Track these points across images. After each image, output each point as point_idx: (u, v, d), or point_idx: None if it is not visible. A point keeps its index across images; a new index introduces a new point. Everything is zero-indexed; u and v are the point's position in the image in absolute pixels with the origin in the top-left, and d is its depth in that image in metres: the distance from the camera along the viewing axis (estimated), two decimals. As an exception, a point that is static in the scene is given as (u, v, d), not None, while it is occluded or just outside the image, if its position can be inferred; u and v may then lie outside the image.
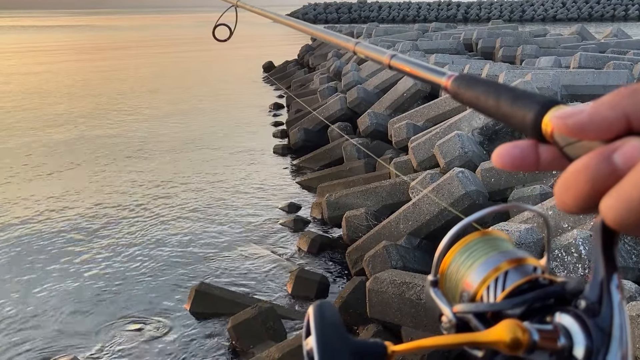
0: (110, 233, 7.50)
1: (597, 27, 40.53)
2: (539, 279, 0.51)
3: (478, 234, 0.56)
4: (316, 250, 6.69)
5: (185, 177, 9.89)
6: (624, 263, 4.08)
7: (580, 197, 0.42)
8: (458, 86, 0.59)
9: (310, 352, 0.47)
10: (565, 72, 8.98)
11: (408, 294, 4.46)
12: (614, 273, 0.45)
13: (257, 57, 27.33)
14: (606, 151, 0.41)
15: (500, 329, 0.47)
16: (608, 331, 0.44)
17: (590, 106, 0.43)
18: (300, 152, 10.86)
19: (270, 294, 5.81)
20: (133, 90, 19.99)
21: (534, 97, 0.48)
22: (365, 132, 9.69)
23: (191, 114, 15.83)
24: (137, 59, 32.00)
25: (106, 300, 5.81)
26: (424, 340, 0.48)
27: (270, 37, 45.52)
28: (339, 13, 74.14)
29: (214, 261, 6.62)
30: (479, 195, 5.48)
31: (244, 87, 20.48)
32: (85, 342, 5.12)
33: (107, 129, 13.95)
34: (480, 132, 7.00)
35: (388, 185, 6.88)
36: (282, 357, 4.20)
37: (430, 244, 5.63)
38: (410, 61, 0.78)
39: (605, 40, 16.61)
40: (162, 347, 5.00)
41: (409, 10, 70.95)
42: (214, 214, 8.09)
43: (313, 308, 0.49)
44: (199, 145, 12.19)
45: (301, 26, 1.45)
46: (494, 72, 9.39)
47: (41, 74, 25.17)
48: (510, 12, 66.73)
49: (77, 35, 64.80)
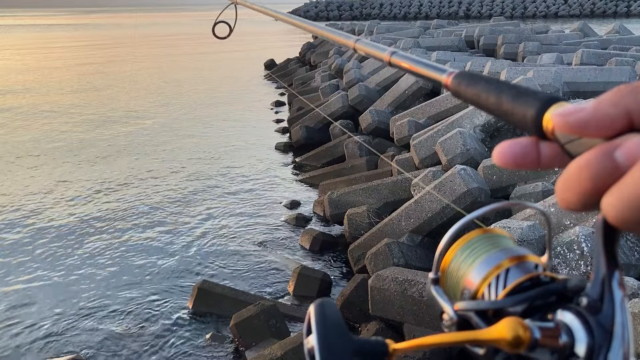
0: (111, 231, 7.50)
1: (599, 23, 40.41)
2: (540, 277, 0.51)
3: (479, 231, 0.56)
4: (318, 247, 6.69)
5: (186, 174, 9.89)
6: (627, 260, 4.08)
7: (582, 195, 0.42)
8: (459, 83, 0.59)
9: (312, 350, 0.47)
10: (568, 69, 8.96)
11: (410, 291, 4.46)
12: (615, 270, 0.45)
13: (259, 54, 27.32)
14: (608, 148, 0.41)
15: (501, 326, 0.47)
16: (610, 328, 0.44)
17: (592, 103, 0.43)
18: (302, 149, 10.85)
19: (273, 292, 5.82)
20: (134, 89, 19.99)
21: (535, 94, 0.48)
22: (367, 130, 9.69)
23: (192, 111, 15.83)
24: (139, 57, 32.00)
25: (108, 298, 5.81)
26: (425, 339, 0.48)
27: (272, 34, 45.50)
28: (340, 10, 74.08)
29: (216, 259, 6.62)
30: (480, 192, 5.47)
31: (246, 84, 20.48)
32: (87, 340, 5.12)
33: (107, 126, 13.96)
34: (482, 129, 6.99)
35: (390, 182, 6.87)
36: (285, 354, 4.21)
37: (432, 241, 5.62)
38: (410, 58, 0.77)
39: (607, 36, 16.57)
40: (164, 345, 5.01)
41: (411, 7, 70.86)
42: (216, 212, 8.09)
43: (314, 306, 0.49)
44: (200, 142, 12.19)
45: (301, 23, 1.45)
46: (496, 69, 9.38)
47: (41, 69, 25.20)
48: (512, 9, 66.59)
49: (83, 32, 64.83)
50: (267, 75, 21.92)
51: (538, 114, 0.46)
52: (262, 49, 31.47)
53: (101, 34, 62.92)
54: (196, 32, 51.70)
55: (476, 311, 0.51)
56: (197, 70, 25.47)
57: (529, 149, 0.47)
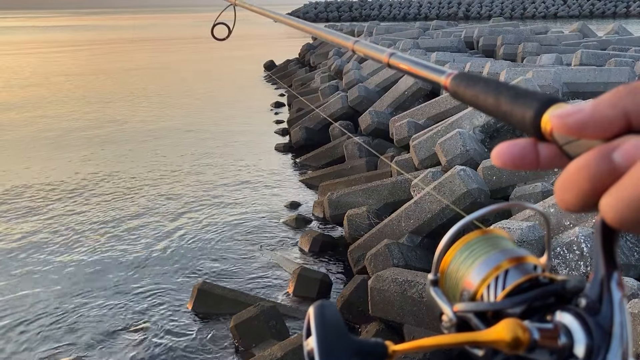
0: (111, 231, 7.50)
1: (598, 24, 40.45)
2: (539, 278, 0.51)
3: (478, 232, 0.56)
4: (318, 248, 6.69)
5: (185, 175, 9.89)
6: (626, 260, 4.08)
7: (580, 196, 0.42)
8: (457, 85, 0.59)
9: (311, 352, 0.47)
10: (567, 70, 8.97)
11: (410, 292, 4.46)
12: (614, 271, 0.45)
13: (258, 55, 27.31)
14: (606, 149, 0.41)
15: (500, 328, 0.47)
16: (608, 329, 0.44)
17: (590, 105, 0.43)
18: (301, 150, 10.86)
19: (272, 293, 5.82)
20: (134, 88, 19.99)
21: (534, 95, 0.48)
22: (367, 131, 9.69)
23: (191, 112, 15.83)
24: (140, 57, 32.01)
25: (109, 298, 5.81)
26: (424, 340, 0.48)
27: (272, 35, 45.51)
28: (339, 12, 74.11)
29: (216, 260, 6.62)
30: (480, 193, 5.48)
31: (245, 85, 20.48)
32: (87, 341, 5.12)
33: (107, 126, 13.96)
34: (482, 129, 6.99)
35: (389, 183, 6.87)
36: (285, 355, 4.21)
37: (432, 242, 5.62)
38: (409, 59, 0.77)
39: (606, 37, 16.57)
40: (164, 346, 5.01)
41: (410, 8, 70.90)
42: (215, 212, 8.09)
43: (313, 308, 0.49)
44: (200, 143, 12.19)
45: (300, 25, 1.45)
46: (495, 69, 9.38)
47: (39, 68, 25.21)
48: (512, 10, 66.60)
49: (85, 34, 64.86)
50: (266, 77, 21.92)
51: (536, 115, 0.46)
52: (261, 50, 31.48)
53: (100, 34, 62.95)
54: (194, 34, 51.71)
55: (475, 312, 0.51)
56: (196, 71, 25.46)
57: (527, 150, 0.47)
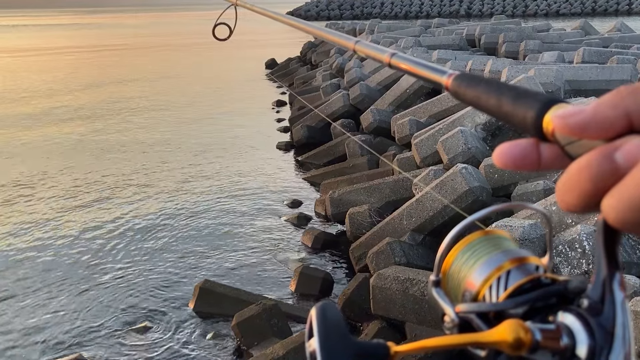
0: (112, 231, 7.51)
1: (600, 21, 40.36)
2: (541, 278, 0.51)
3: (480, 233, 0.56)
4: (320, 246, 6.69)
5: (187, 174, 9.89)
6: (628, 258, 4.07)
7: (582, 196, 0.42)
8: (459, 85, 0.58)
9: (313, 353, 0.47)
10: (569, 67, 8.95)
11: (412, 290, 4.46)
12: (616, 272, 0.45)
13: (260, 54, 27.32)
14: (607, 150, 0.41)
15: (502, 328, 0.47)
16: (611, 330, 0.44)
17: (591, 105, 0.43)
18: (303, 148, 10.86)
19: (274, 291, 5.82)
20: (135, 88, 19.99)
21: (535, 95, 0.48)
22: (368, 129, 9.69)
23: (193, 111, 15.83)
24: (140, 56, 32.01)
25: (110, 298, 5.82)
26: (426, 341, 0.48)
27: (273, 34, 45.46)
28: (341, 10, 74.03)
29: (218, 258, 6.63)
30: (482, 191, 5.47)
31: (247, 84, 20.48)
32: (89, 340, 5.13)
33: (108, 127, 13.96)
34: (484, 128, 6.98)
35: (391, 181, 6.87)
36: (287, 354, 4.21)
37: (433, 240, 5.62)
38: (410, 60, 0.77)
39: (608, 34, 16.54)
40: (166, 345, 5.01)
41: (412, 6, 70.80)
42: (217, 211, 8.10)
43: (315, 309, 0.49)
44: (202, 142, 12.19)
45: (301, 25, 1.45)
46: (497, 67, 9.37)
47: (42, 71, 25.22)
48: (513, 7, 66.50)
49: (88, 32, 64.87)
50: (268, 75, 21.92)
51: (538, 115, 0.46)
52: (263, 49, 31.47)
53: (101, 34, 62.94)
54: (196, 32, 51.66)
55: (477, 313, 0.51)
56: (197, 69, 25.47)
57: (528, 150, 0.47)
